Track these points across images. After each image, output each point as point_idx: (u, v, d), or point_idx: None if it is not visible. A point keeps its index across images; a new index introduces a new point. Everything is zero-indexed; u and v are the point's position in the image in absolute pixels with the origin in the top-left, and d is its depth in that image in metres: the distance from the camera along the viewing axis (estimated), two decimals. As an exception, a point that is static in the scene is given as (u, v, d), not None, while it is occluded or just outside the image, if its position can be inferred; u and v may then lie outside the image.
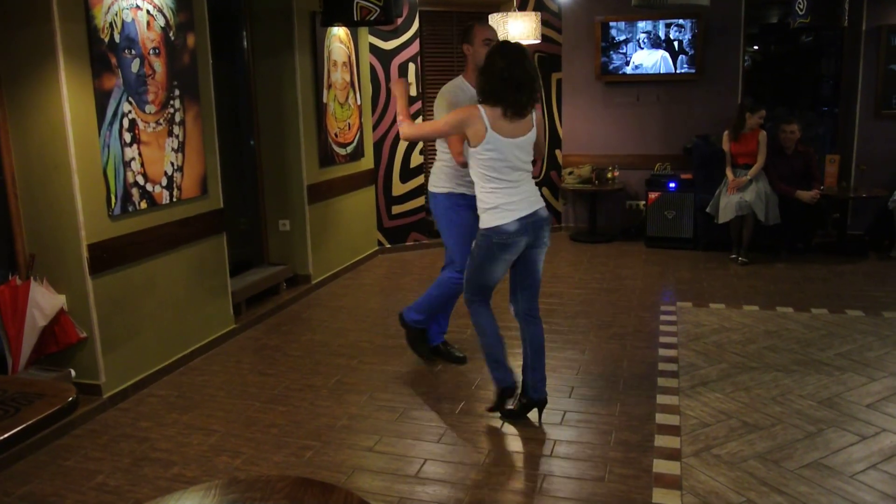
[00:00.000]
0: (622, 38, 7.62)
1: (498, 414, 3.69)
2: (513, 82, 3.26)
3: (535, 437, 3.49)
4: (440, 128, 3.50)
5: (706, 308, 5.34)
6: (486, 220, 3.40)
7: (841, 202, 6.97)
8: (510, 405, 3.67)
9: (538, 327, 3.61)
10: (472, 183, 3.88)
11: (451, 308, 4.40)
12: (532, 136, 3.42)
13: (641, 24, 7.51)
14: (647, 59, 7.58)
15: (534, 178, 3.50)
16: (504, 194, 3.36)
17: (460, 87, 3.99)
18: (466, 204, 3.98)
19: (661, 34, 7.49)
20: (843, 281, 5.99)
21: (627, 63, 7.63)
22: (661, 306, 5.41)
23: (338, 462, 3.29)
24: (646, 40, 7.54)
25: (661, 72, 7.56)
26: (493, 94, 3.29)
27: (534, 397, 3.59)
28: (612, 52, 7.67)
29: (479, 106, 3.31)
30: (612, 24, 7.59)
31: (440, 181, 4.09)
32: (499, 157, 3.32)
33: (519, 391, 3.66)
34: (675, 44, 7.48)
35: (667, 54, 7.51)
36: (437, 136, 3.73)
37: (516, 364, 3.74)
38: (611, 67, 7.66)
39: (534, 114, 3.43)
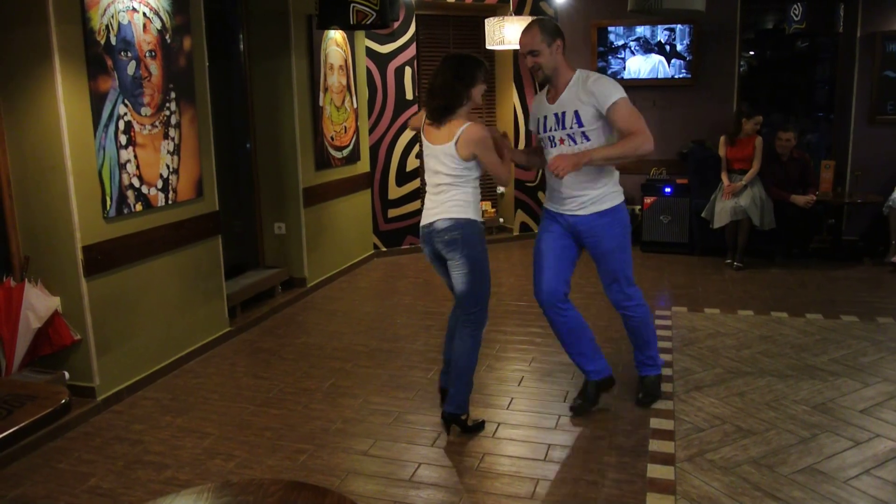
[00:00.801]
0: (620, 42, 7.64)
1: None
2: (430, 89, 3.41)
3: (529, 442, 3.49)
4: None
5: (701, 313, 5.35)
6: None
7: (836, 208, 7.00)
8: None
9: (459, 340, 3.49)
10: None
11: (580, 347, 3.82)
12: (448, 149, 3.31)
13: (640, 29, 7.53)
14: (644, 65, 7.60)
15: (529, 182, 3.47)
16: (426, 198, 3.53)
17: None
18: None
19: (657, 39, 7.51)
20: (838, 286, 6.00)
21: (624, 68, 7.65)
22: (656, 311, 5.41)
23: (332, 466, 3.28)
24: (637, 47, 7.56)
25: (658, 77, 7.59)
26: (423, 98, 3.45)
27: (447, 411, 3.50)
28: (609, 57, 7.69)
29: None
30: (609, 28, 7.61)
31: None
32: (424, 161, 3.51)
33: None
34: (668, 47, 7.50)
35: (663, 59, 7.54)
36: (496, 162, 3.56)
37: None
38: (608, 72, 7.67)
39: (461, 130, 3.27)
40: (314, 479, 3.14)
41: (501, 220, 8.08)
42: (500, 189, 8.03)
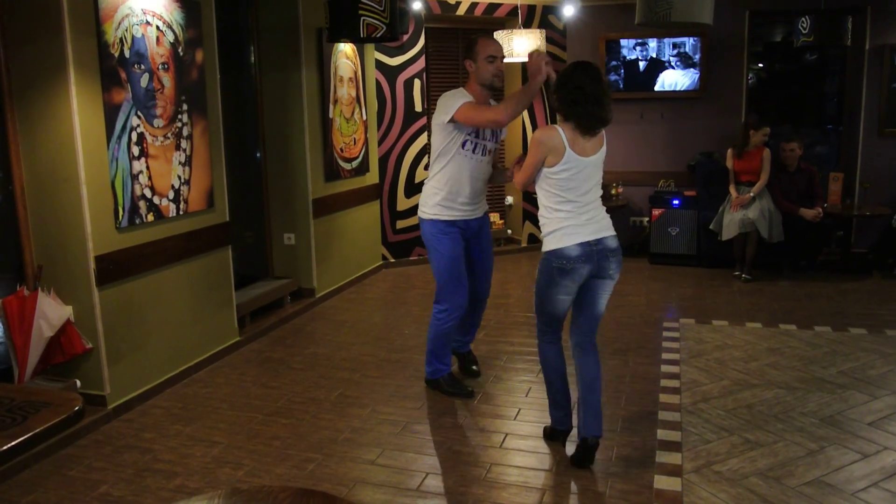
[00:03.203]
0: (632, 56, 7.67)
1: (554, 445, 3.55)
2: (591, 98, 3.16)
3: (536, 452, 3.50)
4: (533, 160, 3.25)
5: (709, 325, 5.35)
6: (548, 243, 3.27)
7: (845, 220, 6.99)
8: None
9: (593, 359, 3.36)
10: (462, 207, 3.94)
11: (466, 330, 4.40)
12: (603, 154, 3.31)
13: (651, 44, 7.55)
14: (682, 79, 7.61)
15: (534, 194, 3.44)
16: (568, 216, 3.22)
17: (462, 94, 3.89)
18: (451, 232, 3.98)
19: (666, 52, 7.54)
20: (847, 299, 5.99)
21: (633, 80, 7.68)
22: (663, 322, 5.42)
23: (340, 475, 3.30)
24: (677, 61, 7.59)
25: (666, 89, 7.61)
26: (571, 109, 3.19)
27: (584, 435, 3.31)
28: (622, 70, 7.72)
29: (557, 126, 3.22)
30: (619, 41, 7.64)
31: (427, 206, 4.03)
32: (571, 177, 3.20)
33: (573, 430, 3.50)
34: (672, 61, 7.52)
35: (675, 72, 7.56)
36: (534, 171, 3.31)
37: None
38: (619, 84, 7.70)
39: (602, 132, 3.32)
40: (322, 489, 3.16)
41: (509, 231, 8.10)
42: (509, 200, 8.06)
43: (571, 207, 3.23)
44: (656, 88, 7.63)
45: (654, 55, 7.62)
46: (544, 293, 3.33)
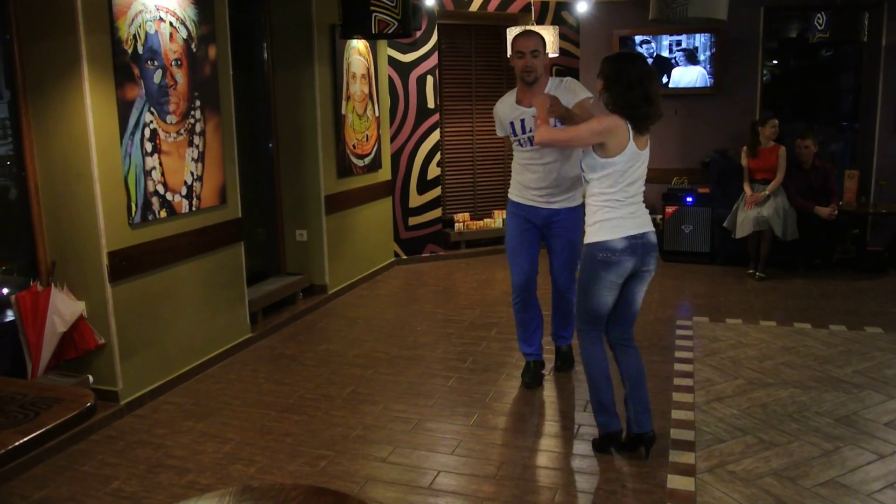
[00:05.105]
0: (646, 52, 7.62)
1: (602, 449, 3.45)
2: (646, 96, 3.13)
3: (548, 451, 3.48)
4: (583, 135, 3.20)
5: (723, 323, 5.31)
6: (592, 234, 3.23)
7: (860, 218, 6.92)
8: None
9: (634, 355, 3.36)
10: (523, 190, 4.04)
11: (558, 323, 4.39)
12: (647, 152, 3.27)
13: (665, 41, 7.51)
14: (678, 75, 7.57)
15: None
16: (615, 209, 3.18)
17: (510, 92, 4.13)
18: (514, 212, 4.14)
19: (674, 49, 7.49)
20: (862, 297, 5.93)
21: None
22: (677, 321, 5.38)
23: (351, 472, 3.30)
24: (682, 57, 7.54)
25: (680, 86, 7.56)
26: (628, 106, 3.14)
27: (637, 432, 3.30)
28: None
29: (621, 118, 3.15)
30: (630, 38, 7.60)
31: (511, 186, 4.23)
32: (625, 170, 3.17)
33: (624, 433, 3.41)
34: (680, 56, 7.48)
35: (695, 68, 7.51)
36: (576, 143, 3.37)
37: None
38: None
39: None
40: (334, 486, 3.15)
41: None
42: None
43: (622, 197, 3.19)
44: (670, 86, 7.58)
45: (665, 53, 7.57)
46: (589, 288, 3.27)
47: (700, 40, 7.44)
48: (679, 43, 7.49)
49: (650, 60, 7.57)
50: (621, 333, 3.38)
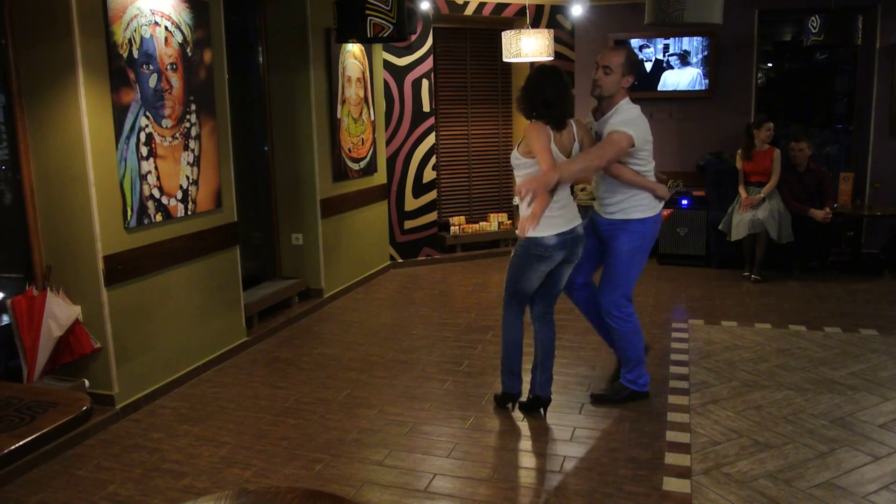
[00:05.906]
0: (640, 57, 7.64)
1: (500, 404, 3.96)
2: (545, 99, 3.46)
3: (544, 454, 3.49)
4: (549, 146, 3.43)
5: (718, 326, 5.32)
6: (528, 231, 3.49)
7: (855, 220, 6.95)
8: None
9: (550, 329, 3.81)
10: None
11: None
12: (577, 149, 3.57)
13: (660, 43, 7.52)
14: (671, 77, 7.59)
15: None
16: (549, 207, 3.43)
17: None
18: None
19: (667, 53, 7.51)
20: (857, 299, 5.95)
21: (640, 80, 7.65)
22: (672, 323, 5.39)
23: (347, 475, 3.30)
24: (676, 60, 7.56)
25: (677, 88, 7.58)
26: (536, 110, 3.49)
27: (540, 395, 3.84)
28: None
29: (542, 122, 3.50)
30: (625, 41, 7.61)
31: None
32: None
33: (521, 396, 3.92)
34: (671, 60, 7.50)
35: (691, 70, 7.53)
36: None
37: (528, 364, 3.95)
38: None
39: (574, 128, 3.60)
40: (330, 489, 3.15)
41: (518, 232, 8.08)
42: (515, 201, 8.04)
43: (552, 198, 3.46)
44: (659, 88, 7.59)
45: (660, 56, 7.60)
46: (520, 275, 3.65)
47: (692, 44, 7.46)
48: (667, 48, 7.51)
49: (649, 65, 7.59)
50: (545, 308, 3.79)
